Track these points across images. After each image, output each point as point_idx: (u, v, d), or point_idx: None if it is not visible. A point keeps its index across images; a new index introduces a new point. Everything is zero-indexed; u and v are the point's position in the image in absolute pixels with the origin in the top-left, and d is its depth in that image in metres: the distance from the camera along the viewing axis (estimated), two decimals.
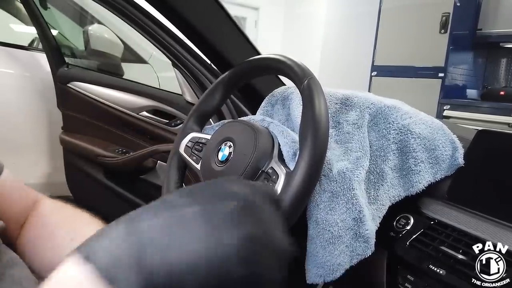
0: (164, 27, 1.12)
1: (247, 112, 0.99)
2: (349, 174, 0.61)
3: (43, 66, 1.78)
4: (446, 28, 3.41)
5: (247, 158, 0.60)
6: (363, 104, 0.71)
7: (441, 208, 0.65)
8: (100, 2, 1.22)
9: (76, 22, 2.04)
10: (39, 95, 1.80)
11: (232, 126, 0.68)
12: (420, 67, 3.63)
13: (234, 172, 0.60)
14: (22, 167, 1.80)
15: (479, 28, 3.50)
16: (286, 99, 0.76)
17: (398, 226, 0.65)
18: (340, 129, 0.70)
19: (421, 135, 0.67)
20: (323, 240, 0.59)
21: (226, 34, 0.89)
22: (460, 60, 3.66)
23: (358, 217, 0.59)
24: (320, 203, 0.60)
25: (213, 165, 0.64)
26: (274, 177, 0.58)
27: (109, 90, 1.50)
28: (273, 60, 0.68)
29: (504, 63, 3.74)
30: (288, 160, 0.61)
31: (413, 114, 0.70)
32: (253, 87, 0.93)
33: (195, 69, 1.09)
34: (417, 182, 0.66)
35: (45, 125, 1.83)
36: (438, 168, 0.67)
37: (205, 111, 0.77)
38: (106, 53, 1.76)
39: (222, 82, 0.76)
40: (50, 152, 1.84)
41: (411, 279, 0.60)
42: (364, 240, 0.59)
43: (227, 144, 0.64)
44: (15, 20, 2.17)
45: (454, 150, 0.68)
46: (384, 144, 0.67)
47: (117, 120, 1.47)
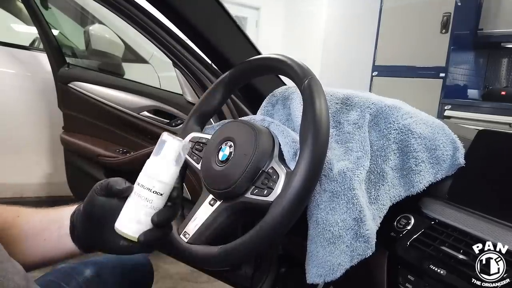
0: (164, 27, 1.12)
1: (247, 112, 0.99)
2: (350, 174, 0.61)
3: (44, 66, 1.78)
4: (447, 28, 3.40)
5: (247, 158, 0.60)
6: (363, 104, 0.71)
7: (442, 208, 0.65)
8: (101, 2, 1.22)
9: (77, 22, 2.05)
10: (40, 95, 1.81)
11: (232, 126, 0.68)
12: (421, 67, 3.63)
13: (234, 172, 0.60)
14: (23, 167, 1.80)
15: (480, 28, 3.49)
16: (287, 99, 0.76)
17: (399, 226, 0.65)
18: (340, 129, 0.70)
19: (422, 135, 0.67)
20: (324, 240, 0.59)
21: (227, 34, 0.89)
22: (461, 60, 3.65)
23: (359, 217, 0.59)
24: (321, 203, 0.60)
25: (214, 165, 0.64)
26: (275, 177, 0.58)
27: (110, 90, 1.50)
28: (273, 60, 0.68)
29: (505, 63, 3.73)
30: (289, 160, 0.61)
31: (414, 114, 0.70)
32: (253, 87, 0.93)
33: (196, 69, 1.09)
34: (418, 182, 0.66)
35: (46, 125, 1.83)
36: (439, 168, 0.67)
37: (206, 111, 0.77)
38: (107, 53, 1.76)
39: (222, 82, 0.76)
40: (51, 152, 1.85)
41: (412, 279, 0.60)
42: (365, 240, 0.59)
43: (228, 144, 0.64)
44: (16, 20, 2.18)
45: (455, 150, 0.68)
46: (385, 144, 0.67)
47: (117, 120, 1.47)
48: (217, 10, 0.84)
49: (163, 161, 0.49)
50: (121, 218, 0.49)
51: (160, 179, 0.48)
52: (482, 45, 3.60)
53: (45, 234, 0.55)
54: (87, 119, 1.59)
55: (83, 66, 1.77)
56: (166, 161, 0.49)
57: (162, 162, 0.49)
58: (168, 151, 0.49)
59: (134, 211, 0.48)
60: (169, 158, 0.49)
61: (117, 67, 1.80)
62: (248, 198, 0.59)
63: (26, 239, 0.55)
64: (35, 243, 0.54)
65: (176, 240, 0.65)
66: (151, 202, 0.48)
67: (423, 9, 3.61)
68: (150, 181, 0.48)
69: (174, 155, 0.49)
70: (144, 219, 0.48)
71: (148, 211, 0.48)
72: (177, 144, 0.50)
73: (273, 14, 5.68)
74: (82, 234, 0.53)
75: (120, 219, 0.49)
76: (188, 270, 1.86)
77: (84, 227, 0.53)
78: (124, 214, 0.49)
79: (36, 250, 0.55)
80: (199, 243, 0.63)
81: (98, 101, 1.51)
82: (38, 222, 0.56)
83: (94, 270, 0.78)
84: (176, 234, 0.66)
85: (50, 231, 0.55)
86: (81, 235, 0.53)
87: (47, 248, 0.55)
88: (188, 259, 0.63)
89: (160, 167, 0.49)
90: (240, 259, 0.59)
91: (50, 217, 0.56)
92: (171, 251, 0.65)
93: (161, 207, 0.49)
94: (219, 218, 0.63)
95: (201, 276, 1.81)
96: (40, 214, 0.57)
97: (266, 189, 0.58)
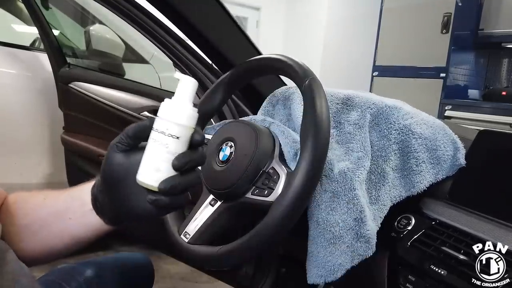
0: (165, 27, 1.12)
1: (248, 112, 0.99)
2: (350, 174, 0.61)
3: (44, 66, 1.78)
4: (447, 28, 3.40)
5: (248, 158, 0.60)
6: (364, 104, 0.71)
7: (443, 209, 0.65)
8: (101, 2, 1.22)
9: (78, 22, 2.05)
10: (40, 95, 1.81)
11: (233, 126, 0.68)
12: (422, 67, 3.63)
13: (235, 172, 0.60)
14: (23, 167, 1.80)
15: (481, 28, 3.49)
16: (287, 99, 0.76)
17: (399, 227, 0.65)
18: (341, 129, 0.70)
19: (423, 135, 0.67)
20: (324, 240, 0.59)
21: (227, 34, 0.89)
22: (462, 60, 3.65)
23: (359, 217, 0.59)
24: (321, 203, 0.60)
25: (214, 165, 0.64)
26: (275, 177, 0.58)
27: (110, 90, 1.50)
28: (274, 60, 0.68)
29: (506, 63, 3.73)
30: (289, 160, 0.61)
31: (414, 114, 0.70)
32: (254, 87, 0.93)
33: (197, 69, 1.09)
34: (419, 182, 0.66)
35: (46, 125, 1.83)
36: (439, 168, 0.67)
37: (206, 111, 0.77)
38: (107, 53, 1.76)
39: (223, 82, 0.76)
40: (52, 152, 1.85)
41: (412, 279, 0.60)
42: (365, 240, 0.59)
43: (228, 144, 0.64)
44: (17, 20, 2.18)
45: (456, 150, 0.68)
46: (386, 144, 0.67)
47: (118, 120, 1.47)
48: (217, 10, 0.84)
49: (176, 101, 0.45)
50: (140, 169, 0.45)
51: (175, 121, 0.44)
52: (482, 45, 3.60)
53: (69, 213, 0.53)
54: (87, 119, 1.59)
55: (84, 66, 1.77)
56: (179, 101, 0.45)
57: (175, 102, 0.45)
58: (182, 90, 0.45)
59: (152, 158, 0.44)
60: (183, 98, 0.45)
61: (118, 67, 1.80)
62: (249, 199, 0.59)
63: (54, 220, 0.54)
64: (62, 224, 0.54)
65: (177, 240, 0.65)
66: (167, 147, 0.44)
67: (423, 9, 3.61)
68: (164, 124, 0.44)
69: (190, 94, 0.45)
70: (164, 166, 0.44)
71: (167, 157, 0.44)
72: (192, 82, 0.46)
73: (273, 14, 5.69)
74: (105, 204, 0.51)
75: (140, 171, 0.45)
76: (189, 270, 1.86)
77: (106, 194, 0.50)
78: (143, 164, 0.45)
79: (64, 231, 0.54)
80: (199, 243, 0.63)
81: (99, 101, 1.51)
82: (62, 202, 0.55)
83: (95, 270, 0.78)
84: (177, 234, 0.66)
85: (73, 210, 0.53)
86: (104, 205, 0.51)
87: (74, 227, 0.53)
88: (189, 259, 0.63)
89: (174, 108, 0.45)
90: (240, 259, 0.59)
91: (73, 196, 0.55)
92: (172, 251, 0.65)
93: (180, 152, 0.45)
94: (219, 219, 0.63)
95: (202, 276, 1.81)
96: (64, 194, 0.56)
97: (266, 189, 0.58)
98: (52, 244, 0.54)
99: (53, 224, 0.54)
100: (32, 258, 0.53)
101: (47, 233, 0.54)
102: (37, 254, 0.55)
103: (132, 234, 1.60)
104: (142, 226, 1.09)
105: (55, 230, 0.54)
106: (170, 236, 0.67)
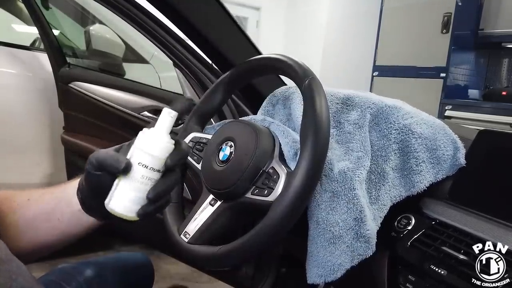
0: (165, 27, 1.12)
1: (248, 112, 0.99)
2: (350, 174, 0.61)
3: (44, 66, 1.78)
4: (448, 28, 3.40)
5: (248, 158, 0.60)
6: (364, 104, 0.71)
7: (443, 208, 0.65)
8: (101, 2, 1.22)
9: (78, 22, 2.05)
10: (40, 95, 1.81)
11: (233, 126, 0.68)
12: (422, 67, 3.63)
13: (235, 172, 0.60)
14: (24, 167, 1.80)
15: (481, 28, 3.49)
16: (287, 99, 0.76)
17: (399, 226, 0.65)
18: (341, 129, 0.70)
19: (423, 135, 0.67)
20: (324, 240, 0.59)
21: (227, 34, 0.89)
22: (462, 60, 3.65)
23: (359, 217, 0.59)
24: (321, 203, 0.60)
25: (214, 165, 0.64)
26: (275, 177, 0.58)
27: (110, 90, 1.50)
28: (274, 60, 0.68)
29: (506, 63, 3.73)
30: (289, 160, 0.61)
31: (414, 114, 0.70)
32: (254, 87, 0.93)
33: (196, 69, 1.09)
34: (419, 182, 0.66)
35: (46, 125, 1.83)
36: (439, 168, 0.67)
37: (206, 111, 0.77)
38: (107, 53, 1.76)
39: (223, 82, 0.76)
40: (52, 152, 1.85)
41: (412, 279, 0.60)
42: (365, 240, 0.59)
43: (228, 144, 0.64)
44: (17, 20, 2.18)
45: (456, 150, 0.68)
46: (385, 144, 0.67)
47: (118, 120, 1.47)
48: (217, 10, 0.84)
49: (153, 133, 0.45)
50: (114, 198, 0.45)
51: (151, 152, 0.44)
52: (482, 45, 3.60)
53: (56, 214, 0.55)
54: (87, 119, 1.59)
55: (84, 66, 1.77)
56: (156, 133, 0.45)
57: (152, 134, 0.45)
58: (160, 122, 0.46)
59: (126, 189, 0.45)
60: (160, 130, 0.45)
61: (118, 67, 1.80)
62: (249, 198, 0.59)
63: (42, 221, 0.55)
64: (50, 223, 0.55)
65: (177, 240, 0.65)
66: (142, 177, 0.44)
67: (423, 9, 3.61)
68: (140, 155, 0.44)
69: (167, 126, 0.46)
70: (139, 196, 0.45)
71: (141, 187, 0.45)
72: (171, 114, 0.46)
73: (273, 14, 5.68)
74: (93, 207, 0.52)
75: (113, 200, 0.45)
76: (189, 270, 1.86)
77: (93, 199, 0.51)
78: (116, 194, 0.45)
79: (54, 229, 0.55)
80: (199, 243, 0.63)
81: (99, 101, 1.51)
82: (47, 204, 0.56)
83: (95, 270, 0.78)
84: (177, 234, 0.66)
85: (61, 211, 0.54)
86: (93, 207, 0.52)
87: (65, 225, 0.55)
88: (189, 259, 0.63)
89: (150, 139, 0.45)
90: (240, 259, 0.59)
91: (57, 197, 0.56)
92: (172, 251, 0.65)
93: (156, 179, 0.45)
94: (219, 218, 0.63)
95: (202, 276, 1.81)
96: (47, 195, 0.57)
97: (266, 189, 0.58)
98: (42, 240, 0.56)
99: (41, 225, 0.55)
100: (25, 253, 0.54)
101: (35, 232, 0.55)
102: (30, 250, 0.56)
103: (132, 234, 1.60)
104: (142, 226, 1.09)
105: (44, 229, 0.55)
106: (170, 236, 0.67)
